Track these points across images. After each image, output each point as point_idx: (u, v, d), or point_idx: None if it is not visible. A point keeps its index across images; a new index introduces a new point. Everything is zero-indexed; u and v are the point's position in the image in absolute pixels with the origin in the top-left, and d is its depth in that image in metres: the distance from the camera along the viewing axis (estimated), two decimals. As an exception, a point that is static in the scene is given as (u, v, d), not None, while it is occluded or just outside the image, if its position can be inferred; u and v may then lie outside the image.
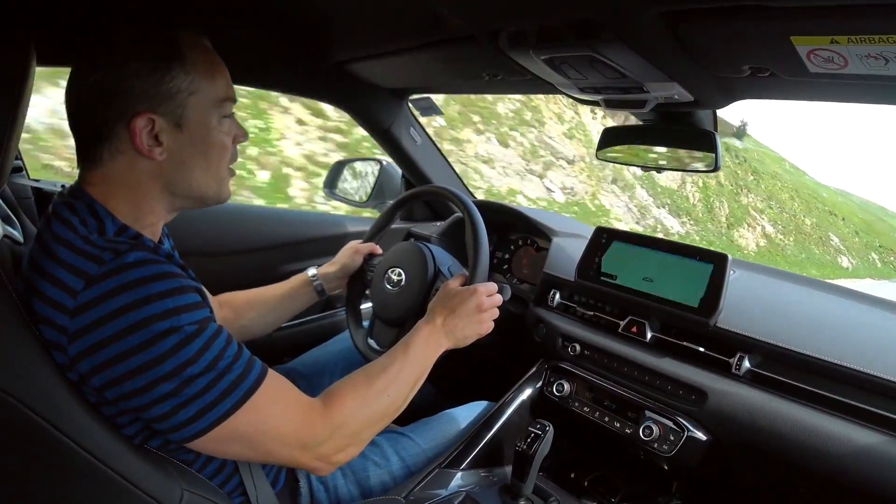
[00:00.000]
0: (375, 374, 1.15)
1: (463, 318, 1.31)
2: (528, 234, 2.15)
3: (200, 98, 0.99)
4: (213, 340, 0.91)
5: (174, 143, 0.98)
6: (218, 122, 1.03)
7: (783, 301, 1.49)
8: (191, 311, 0.89)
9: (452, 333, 1.30)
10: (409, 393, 1.20)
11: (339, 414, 1.05)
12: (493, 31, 1.19)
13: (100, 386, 0.86)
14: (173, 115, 0.96)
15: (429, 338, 1.27)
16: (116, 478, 0.85)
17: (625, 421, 1.47)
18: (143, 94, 0.93)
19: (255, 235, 2.17)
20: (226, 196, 1.11)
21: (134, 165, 0.97)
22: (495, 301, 1.37)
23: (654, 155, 1.65)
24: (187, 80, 0.96)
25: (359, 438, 1.10)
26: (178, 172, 1.00)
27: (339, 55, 1.83)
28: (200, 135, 1.00)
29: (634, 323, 1.57)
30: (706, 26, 0.96)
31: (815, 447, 1.18)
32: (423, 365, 1.24)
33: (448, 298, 1.34)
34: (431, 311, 1.33)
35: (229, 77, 1.05)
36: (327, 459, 1.05)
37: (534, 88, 1.77)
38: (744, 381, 1.34)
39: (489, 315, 1.35)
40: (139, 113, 0.93)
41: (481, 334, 1.35)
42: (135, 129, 0.93)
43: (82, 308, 0.84)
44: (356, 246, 1.76)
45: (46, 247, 0.90)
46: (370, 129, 2.33)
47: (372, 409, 1.10)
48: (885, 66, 0.88)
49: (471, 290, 1.34)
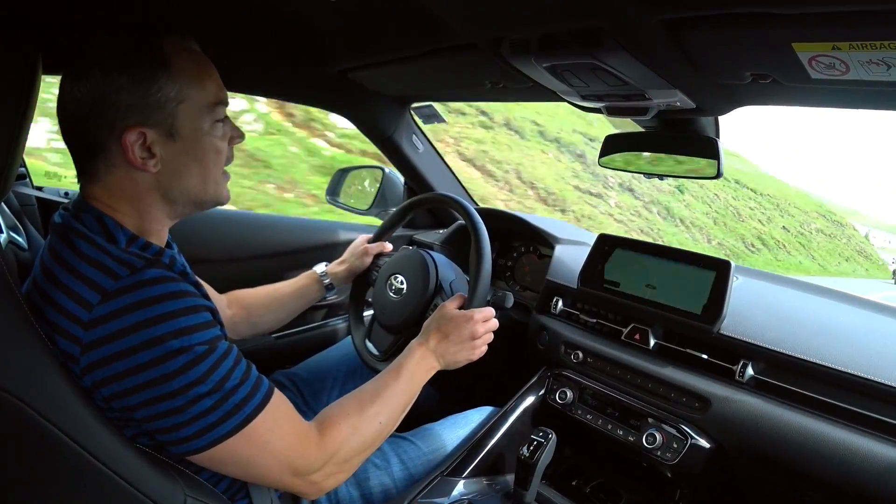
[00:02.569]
0: (368, 399, 1.16)
1: (456, 344, 1.32)
2: (530, 242, 2.15)
3: (190, 105, 0.98)
4: (223, 360, 0.92)
5: (168, 153, 0.97)
6: (210, 126, 1.02)
7: (786, 307, 1.49)
8: (202, 330, 0.90)
9: (444, 357, 1.31)
10: (399, 416, 1.22)
11: (332, 442, 1.05)
12: (496, 38, 1.19)
13: (108, 396, 0.86)
14: (164, 126, 0.95)
15: (420, 361, 1.28)
16: (120, 482, 0.85)
17: (628, 428, 1.46)
18: (131, 107, 0.92)
19: (259, 243, 2.18)
20: (225, 198, 1.10)
21: (130, 178, 0.96)
22: (490, 326, 1.38)
23: (656, 162, 1.65)
24: (175, 89, 0.95)
25: (349, 465, 1.11)
26: (175, 181, 1.00)
27: (341, 63, 1.83)
28: (193, 142, 1.00)
29: (637, 330, 1.56)
30: (708, 33, 0.96)
31: (820, 454, 1.17)
32: (413, 388, 1.25)
33: (444, 321, 1.34)
34: (426, 332, 1.34)
35: (219, 80, 1.04)
36: (317, 486, 1.06)
37: (536, 96, 1.77)
38: (747, 389, 1.33)
39: (482, 341, 1.37)
40: (129, 127, 0.92)
41: (472, 360, 1.36)
42: (126, 144, 0.92)
43: (97, 321, 0.85)
44: (366, 246, 1.77)
45: (60, 257, 0.90)
46: (372, 137, 2.33)
47: (364, 436, 1.11)
48: (887, 71, 0.88)
49: (467, 316, 1.34)
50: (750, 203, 28.67)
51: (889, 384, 1.16)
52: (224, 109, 1.06)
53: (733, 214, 25.38)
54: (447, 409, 1.72)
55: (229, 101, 1.08)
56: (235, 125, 1.10)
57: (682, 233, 18.97)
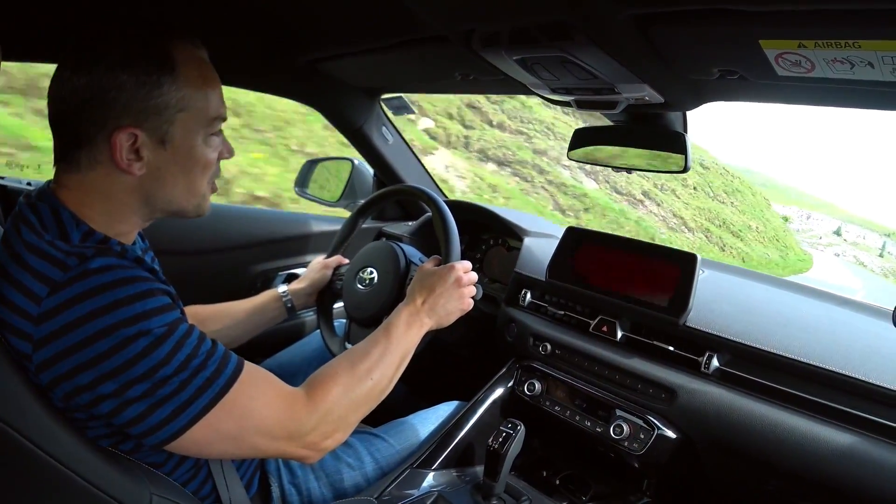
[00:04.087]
0: (358, 359, 1.14)
1: (444, 295, 1.31)
2: (499, 234, 2.16)
3: (189, 115, 0.96)
4: (185, 339, 0.89)
5: (156, 159, 0.95)
6: (204, 139, 1.00)
7: (752, 301, 1.51)
8: (160, 313, 0.87)
9: (434, 311, 1.30)
10: (394, 375, 1.20)
11: (323, 401, 1.03)
12: (466, 31, 1.19)
13: (69, 392, 0.84)
14: (158, 131, 0.93)
15: (410, 318, 1.27)
16: (81, 482, 0.84)
17: (595, 420, 1.48)
18: (128, 108, 0.90)
19: (227, 234, 2.15)
20: (205, 211, 1.08)
21: (111, 177, 0.94)
22: (473, 277, 1.38)
23: (624, 155, 1.66)
24: (177, 97, 0.93)
25: (345, 423, 1.09)
26: (159, 188, 0.98)
27: (310, 54, 1.82)
28: (184, 152, 0.97)
29: (605, 322, 1.58)
30: (676, 29, 0.97)
31: (784, 444, 1.20)
32: (406, 346, 1.23)
33: (426, 278, 1.34)
34: (411, 294, 1.33)
35: (222, 93, 1.03)
36: (315, 447, 1.04)
37: (506, 88, 1.77)
38: (713, 380, 1.35)
39: (468, 290, 1.37)
40: (122, 127, 0.90)
41: (464, 310, 1.36)
42: (115, 143, 0.90)
43: (47, 315, 0.83)
44: (324, 261, 1.76)
45: (12, 250, 0.87)
46: (342, 129, 2.32)
47: (356, 394, 1.09)
48: (850, 70, 0.90)
49: (448, 266, 1.35)
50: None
51: (849, 375, 1.18)
52: (219, 124, 1.04)
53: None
54: (416, 404, 1.72)
55: (227, 117, 1.06)
56: (227, 141, 1.08)
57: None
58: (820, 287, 1.70)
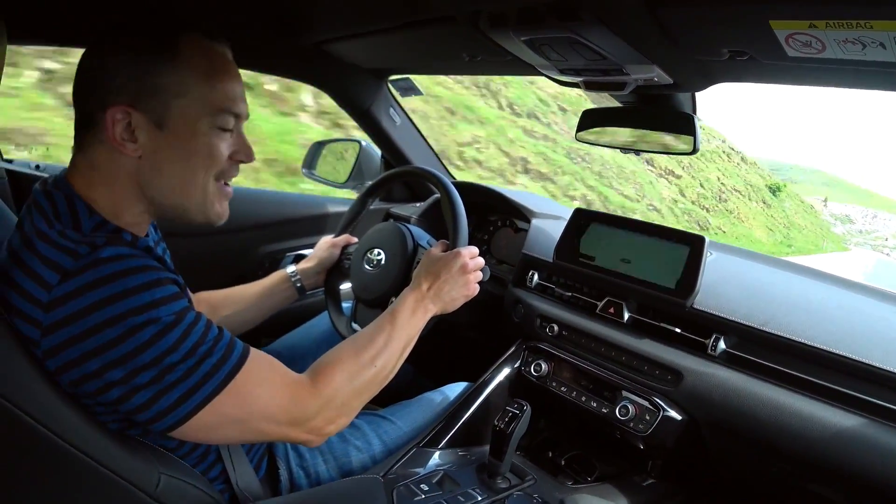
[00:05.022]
0: (363, 344, 1.15)
1: (449, 282, 1.31)
2: (507, 216, 2.16)
3: (190, 101, 0.95)
4: (193, 328, 0.90)
5: (152, 143, 0.95)
6: (209, 129, 0.98)
7: (759, 283, 1.51)
8: (168, 302, 0.88)
9: (440, 297, 1.31)
10: (398, 361, 1.20)
11: (327, 387, 1.04)
12: (474, 11, 1.19)
13: (76, 379, 0.85)
14: (154, 114, 0.93)
15: (415, 304, 1.27)
16: (90, 462, 0.84)
17: (601, 401, 1.48)
18: (125, 86, 0.91)
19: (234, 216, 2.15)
20: (215, 215, 1.07)
21: (112, 158, 0.94)
22: (479, 263, 1.38)
23: (633, 137, 1.65)
24: (175, 80, 0.93)
25: (348, 409, 1.10)
26: (156, 175, 0.97)
27: (317, 35, 1.81)
28: (183, 140, 0.97)
29: (612, 304, 1.58)
30: (686, 9, 0.96)
31: (789, 427, 1.20)
32: (410, 332, 1.24)
33: (432, 263, 1.34)
34: (416, 279, 1.33)
35: (238, 90, 1.02)
36: (318, 432, 1.05)
37: (514, 69, 1.76)
38: (719, 362, 1.35)
39: (475, 277, 1.36)
40: (116, 104, 0.90)
41: (469, 296, 1.36)
42: (108, 120, 0.91)
43: (57, 302, 0.83)
44: (332, 240, 1.76)
45: (26, 237, 0.88)
46: (350, 110, 2.31)
47: (360, 380, 1.10)
48: (862, 51, 0.89)
49: (454, 252, 1.35)
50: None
51: (856, 358, 1.18)
52: (232, 121, 1.02)
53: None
54: (423, 384, 1.73)
55: (249, 116, 1.06)
56: (246, 143, 1.07)
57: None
58: (828, 271, 1.69)
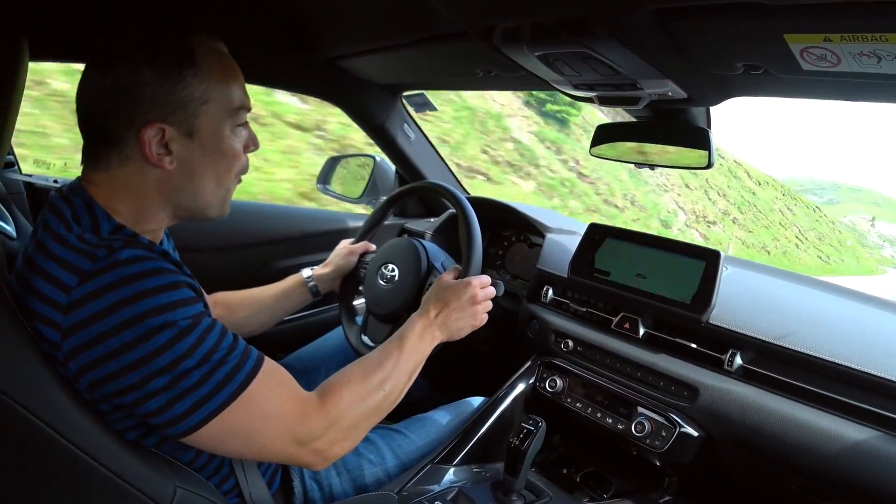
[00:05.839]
0: (371, 368, 1.15)
1: (457, 311, 1.31)
2: (521, 231, 2.15)
3: (214, 107, 0.97)
4: (208, 334, 0.90)
5: (185, 152, 0.96)
6: (231, 130, 1.01)
7: (775, 298, 1.50)
8: (185, 306, 0.89)
9: (447, 326, 1.31)
10: (405, 386, 1.20)
11: (334, 409, 1.04)
12: (487, 27, 1.19)
13: (95, 381, 0.85)
14: (185, 124, 0.95)
15: (423, 331, 1.27)
16: (107, 474, 0.85)
17: (617, 417, 1.47)
18: (154, 103, 0.91)
19: (248, 231, 2.17)
20: (227, 210, 1.10)
21: (142, 173, 0.96)
22: (489, 293, 1.38)
23: (647, 152, 1.65)
24: (200, 89, 0.95)
25: (354, 432, 1.09)
26: (187, 182, 0.99)
27: (332, 51, 1.82)
28: (212, 144, 0.99)
29: (627, 319, 1.57)
30: (699, 24, 0.96)
31: (807, 443, 1.18)
32: (417, 358, 1.24)
33: (442, 291, 1.34)
34: (425, 304, 1.34)
35: (244, 84, 1.04)
36: (323, 454, 1.04)
37: (528, 85, 1.77)
38: (736, 378, 1.34)
39: (483, 307, 1.36)
40: (149, 122, 0.91)
41: (475, 326, 1.36)
42: (144, 139, 0.92)
43: (75, 304, 0.84)
44: (350, 247, 1.77)
45: (41, 242, 0.89)
46: (364, 126, 2.32)
47: (368, 404, 1.10)
48: (877, 64, 0.89)
49: (465, 282, 1.35)
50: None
51: (874, 373, 1.17)
52: (245, 115, 1.05)
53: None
54: (437, 400, 1.72)
55: (252, 107, 1.08)
56: (253, 133, 1.09)
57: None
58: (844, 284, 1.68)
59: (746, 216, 30.50)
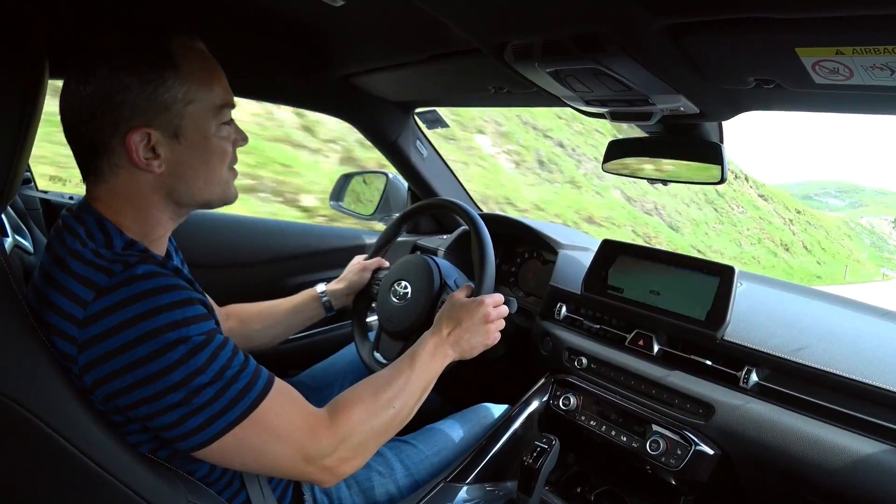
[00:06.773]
0: (382, 385, 1.14)
1: (469, 330, 1.31)
2: (534, 247, 2.15)
3: (197, 107, 0.98)
4: (221, 350, 0.91)
5: (173, 154, 0.97)
6: (216, 128, 1.02)
7: (791, 313, 1.48)
8: (198, 322, 0.90)
9: (459, 345, 1.30)
10: (415, 404, 1.20)
11: (345, 426, 1.04)
12: (499, 44, 1.19)
13: (110, 394, 0.86)
14: (170, 127, 0.95)
15: (435, 349, 1.27)
16: (121, 487, 0.86)
17: (631, 435, 1.46)
18: (137, 108, 0.92)
19: (261, 248, 2.18)
20: (232, 197, 1.10)
21: (134, 179, 0.96)
22: (502, 312, 1.37)
23: (660, 167, 1.64)
24: (183, 90, 0.95)
25: (364, 450, 1.09)
26: (180, 182, 1.00)
27: (344, 69, 1.84)
28: (199, 143, 1.00)
29: (641, 336, 1.56)
30: (711, 39, 0.96)
31: (824, 461, 1.17)
32: (428, 377, 1.23)
33: (454, 309, 1.34)
34: (438, 323, 1.33)
35: (227, 82, 1.04)
36: (332, 472, 1.04)
37: (540, 101, 1.77)
38: (752, 395, 1.33)
39: (496, 326, 1.36)
40: (134, 128, 0.92)
41: (488, 345, 1.35)
42: (131, 145, 0.92)
43: (92, 318, 0.85)
44: (363, 263, 1.78)
45: (58, 258, 0.90)
46: (376, 142, 2.34)
47: (378, 421, 1.09)
48: (891, 76, 0.88)
49: (477, 301, 1.34)
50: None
51: (893, 390, 1.15)
52: (229, 112, 1.05)
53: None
54: (448, 410, 1.72)
55: (236, 104, 1.08)
56: (239, 128, 1.09)
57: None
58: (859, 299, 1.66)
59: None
